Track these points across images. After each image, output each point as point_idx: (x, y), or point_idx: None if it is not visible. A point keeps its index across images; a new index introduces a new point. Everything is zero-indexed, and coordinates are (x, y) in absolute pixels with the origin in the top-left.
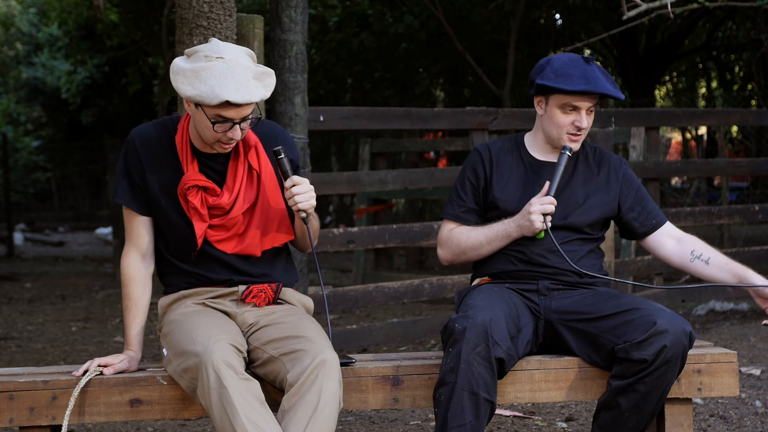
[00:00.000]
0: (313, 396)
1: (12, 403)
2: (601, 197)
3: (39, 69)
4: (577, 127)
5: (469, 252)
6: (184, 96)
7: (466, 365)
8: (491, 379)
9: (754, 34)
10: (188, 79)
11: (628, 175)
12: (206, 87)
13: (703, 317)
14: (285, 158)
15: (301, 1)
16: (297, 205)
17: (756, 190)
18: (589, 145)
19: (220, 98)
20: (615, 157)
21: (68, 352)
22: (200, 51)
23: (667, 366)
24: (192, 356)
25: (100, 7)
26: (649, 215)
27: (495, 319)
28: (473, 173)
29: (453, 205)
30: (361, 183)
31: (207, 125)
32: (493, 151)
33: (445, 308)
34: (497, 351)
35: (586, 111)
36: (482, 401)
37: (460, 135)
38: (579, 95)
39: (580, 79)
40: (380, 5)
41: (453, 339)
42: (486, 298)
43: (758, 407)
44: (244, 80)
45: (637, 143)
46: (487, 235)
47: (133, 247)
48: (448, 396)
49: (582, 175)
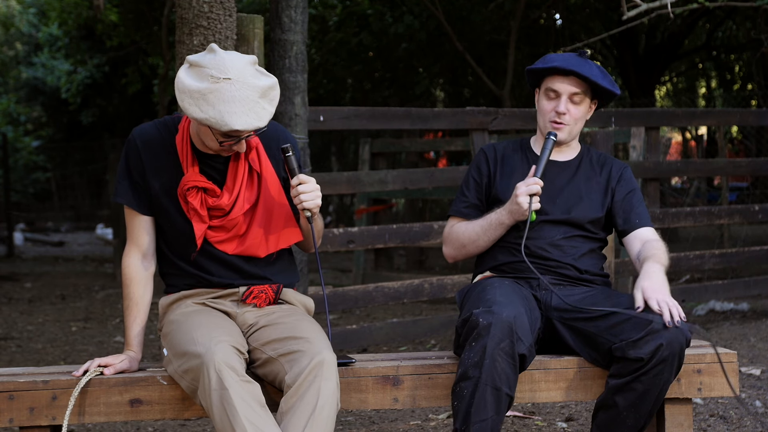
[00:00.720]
0: (311, 397)
1: (12, 403)
2: (601, 197)
3: (39, 69)
4: (557, 113)
5: (469, 245)
6: (192, 118)
7: (490, 360)
8: (513, 375)
9: (754, 34)
10: (195, 102)
11: (626, 176)
12: (215, 112)
13: (703, 317)
14: (293, 156)
15: (301, 1)
16: (302, 203)
17: (756, 190)
18: (596, 152)
19: (229, 126)
20: (619, 163)
21: (68, 352)
22: (205, 68)
23: (664, 365)
24: (193, 357)
25: (100, 7)
26: (633, 215)
27: (518, 315)
28: (477, 171)
29: (456, 203)
30: (361, 183)
31: (212, 139)
32: (498, 151)
33: (445, 308)
34: (520, 347)
35: (568, 98)
36: (504, 396)
37: (460, 135)
38: (556, 74)
39: (560, 60)
40: (380, 5)
41: (477, 333)
42: (505, 294)
43: (758, 407)
44: (252, 103)
45: (637, 143)
46: (482, 226)
47: (135, 247)
48: (471, 390)
49: (585, 173)
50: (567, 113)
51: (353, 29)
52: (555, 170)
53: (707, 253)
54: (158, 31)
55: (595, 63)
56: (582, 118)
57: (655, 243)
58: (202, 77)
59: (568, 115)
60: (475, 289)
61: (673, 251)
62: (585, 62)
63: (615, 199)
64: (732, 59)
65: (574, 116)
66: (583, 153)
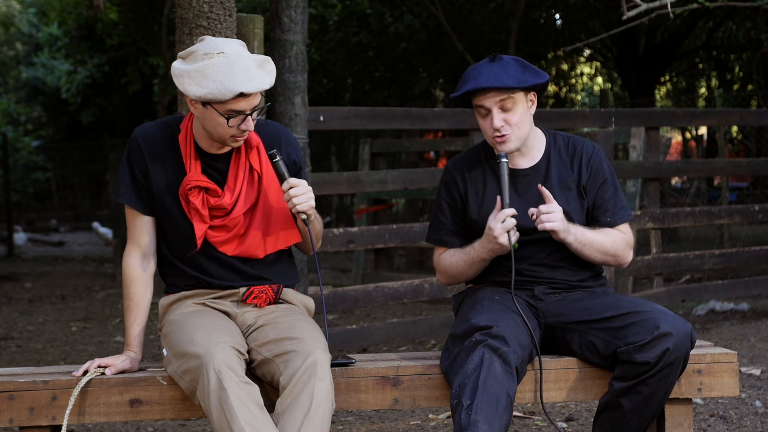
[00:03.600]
0: (306, 398)
1: (12, 403)
2: (578, 200)
3: (39, 69)
4: (494, 129)
5: (458, 276)
6: (194, 97)
7: (488, 364)
8: (511, 379)
9: (754, 34)
10: (194, 80)
11: (595, 166)
12: (216, 84)
13: (703, 317)
14: (280, 161)
15: (301, 1)
16: (295, 207)
17: (756, 190)
18: (562, 137)
19: (233, 92)
20: (588, 146)
21: (68, 352)
22: (197, 50)
23: (670, 368)
24: (193, 358)
25: (100, 7)
26: (606, 214)
27: (508, 331)
28: (449, 195)
29: (435, 229)
30: (361, 183)
31: (219, 122)
32: (464, 168)
33: (445, 308)
34: (515, 360)
35: (498, 108)
36: (505, 397)
37: (460, 135)
38: (475, 95)
39: (469, 81)
40: (380, 5)
41: (466, 349)
42: (494, 316)
43: (758, 407)
44: (251, 69)
45: (637, 143)
46: (465, 261)
47: (135, 247)
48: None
49: (556, 174)
50: (504, 124)
51: (353, 29)
52: (523, 180)
53: (707, 253)
54: (158, 30)
55: (512, 59)
56: (523, 119)
57: (612, 230)
58: (196, 59)
59: (506, 126)
60: (467, 299)
61: (673, 251)
62: (499, 67)
63: (588, 197)
64: (732, 59)
65: (513, 122)
66: (550, 147)
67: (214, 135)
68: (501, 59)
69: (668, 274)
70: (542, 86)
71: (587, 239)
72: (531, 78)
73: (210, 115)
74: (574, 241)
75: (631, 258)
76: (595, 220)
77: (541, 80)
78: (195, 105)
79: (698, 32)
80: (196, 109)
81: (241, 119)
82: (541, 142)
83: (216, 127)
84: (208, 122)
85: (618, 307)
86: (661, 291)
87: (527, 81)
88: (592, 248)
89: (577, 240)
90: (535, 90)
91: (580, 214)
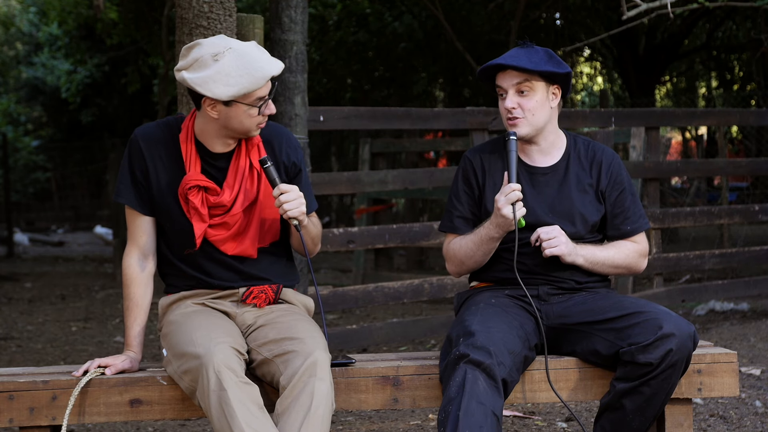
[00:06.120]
0: (306, 398)
1: (12, 403)
2: (595, 203)
3: (39, 69)
4: (506, 109)
5: (467, 261)
6: (226, 97)
7: (472, 380)
8: (497, 396)
9: (754, 34)
10: (220, 81)
11: (615, 172)
12: (245, 77)
13: (703, 317)
14: (271, 167)
15: (301, 1)
16: (286, 212)
17: (756, 190)
18: (582, 140)
19: (265, 78)
20: (608, 153)
21: (68, 352)
22: (202, 56)
23: (673, 369)
24: (192, 358)
25: (100, 7)
26: (625, 222)
27: (496, 342)
28: (466, 182)
29: (449, 216)
30: (361, 183)
31: (249, 113)
32: (483, 158)
33: (445, 308)
34: (501, 371)
35: (515, 91)
36: (490, 413)
37: (460, 135)
38: (498, 72)
39: (499, 58)
40: (379, 4)
41: (453, 362)
42: (485, 319)
43: (758, 407)
44: (262, 53)
45: (637, 143)
46: (474, 242)
47: (135, 247)
48: (457, 405)
49: (575, 176)
50: (517, 107)
51: (352, 28)
52: (542, 178)
53: (707, 253)
54: (158, 30)
55: (543, 48)
56: (538, 107)
57: (625, 242)
58: (206, 63)
59: (519, 109)
60: (467, 301)
61: (673, 251)
62: (525, 52)
63: (606, 204)
64: (732, 59)
65: (527, 107)
66: (570, 149)
67: (240, 130)
68: (531, 46)
69: (668, 274)
70: (563, 78)
71: (598, 259)
72: (551, 66)
73: (235, 111)
74: (585, 262)
75: (645, 266)
76: (615, 228)
77: (560, 69)
78: (216, 107)
79: (698, 32)
80: (216, 111)
81: (266, 105)
82: (562, 143)
83: (243, 121)
84: (233, 119)
85: (621, 307)
86: (661, 291)
87: (544, 66)
88: (604, 266)
89: (588, 261)
90: (556, 81)
91: (596, 216)
